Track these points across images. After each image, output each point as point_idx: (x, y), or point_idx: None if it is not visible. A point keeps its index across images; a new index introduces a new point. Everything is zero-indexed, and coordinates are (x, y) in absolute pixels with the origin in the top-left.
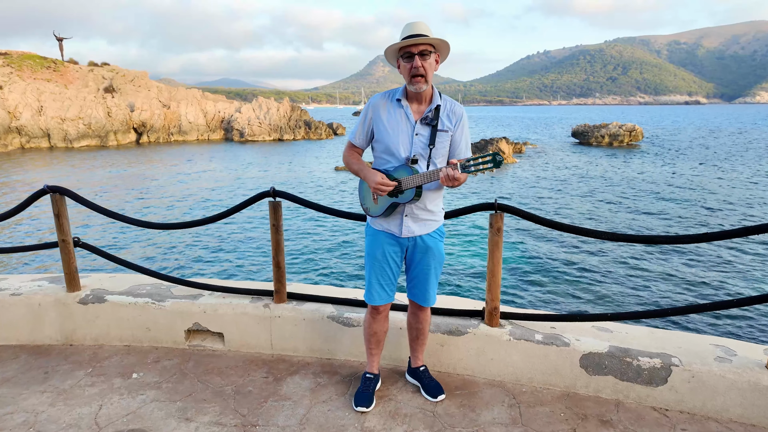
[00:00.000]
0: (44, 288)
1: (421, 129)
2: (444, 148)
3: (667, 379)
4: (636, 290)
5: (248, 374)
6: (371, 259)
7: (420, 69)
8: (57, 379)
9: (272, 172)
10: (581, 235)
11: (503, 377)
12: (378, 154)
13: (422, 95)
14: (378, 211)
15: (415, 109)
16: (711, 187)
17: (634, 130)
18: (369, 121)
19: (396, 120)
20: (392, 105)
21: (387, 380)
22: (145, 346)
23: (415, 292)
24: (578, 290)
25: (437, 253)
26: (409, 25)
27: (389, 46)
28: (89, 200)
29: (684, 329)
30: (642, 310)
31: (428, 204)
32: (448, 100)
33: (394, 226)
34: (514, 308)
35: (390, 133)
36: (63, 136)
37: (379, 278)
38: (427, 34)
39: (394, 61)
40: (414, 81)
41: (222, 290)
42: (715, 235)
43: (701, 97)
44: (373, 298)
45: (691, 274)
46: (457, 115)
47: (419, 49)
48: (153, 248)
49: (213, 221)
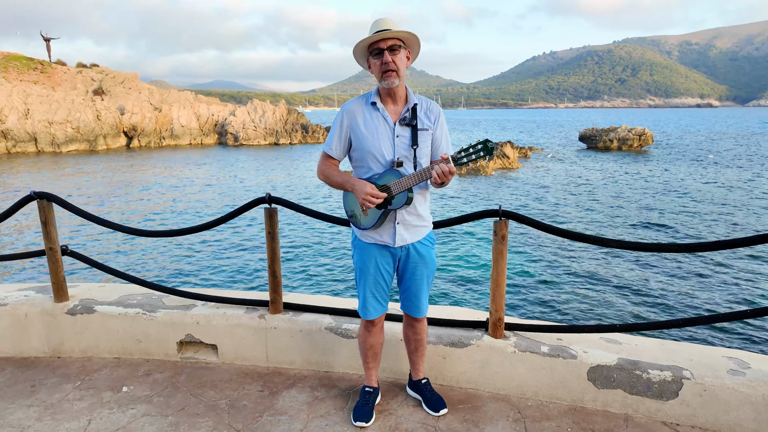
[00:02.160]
0: (31, 298)
1: (400, 130)
2: (427, 148)
3: (678, 393)
4: (646, 300)
5: (243, 388)
6: (363, 274)
7: (391, 64)
8: (44, 393)
9: (268, 178)
10: (588, 243)
11: (508, 391)
12: (358, 162)
13: (397, 95)
14: (369, 222)
15: (391, 111)
16: (724, 193)
17: (643, 134)
18: (346, 129)
19: (374, 124)
20: (368, 109)
21: (387, 394)
22: (136, 359)
23: (408, 304)
24: (586, 300)
25: (430, 261)
26: (376, 22)
27: (356, 44)
28: (78, 207)
29: (696, 341)
30: (652, 321)
31: (419, 208)
32: (423, 99)
33: (387, 236)
34: (519, 319)
35: (370, 139)
36: (50, 140)
37: (374, 292)
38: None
39: (364, 62)
40: (385, 76)
41: (215, 300)
42: (728, 243)
43: (714, 99)
44: (368, 312)
45: (703, 283)
46: (435, 113)
47: (388, 44)
48: (144, 257)
49: (206, 229)
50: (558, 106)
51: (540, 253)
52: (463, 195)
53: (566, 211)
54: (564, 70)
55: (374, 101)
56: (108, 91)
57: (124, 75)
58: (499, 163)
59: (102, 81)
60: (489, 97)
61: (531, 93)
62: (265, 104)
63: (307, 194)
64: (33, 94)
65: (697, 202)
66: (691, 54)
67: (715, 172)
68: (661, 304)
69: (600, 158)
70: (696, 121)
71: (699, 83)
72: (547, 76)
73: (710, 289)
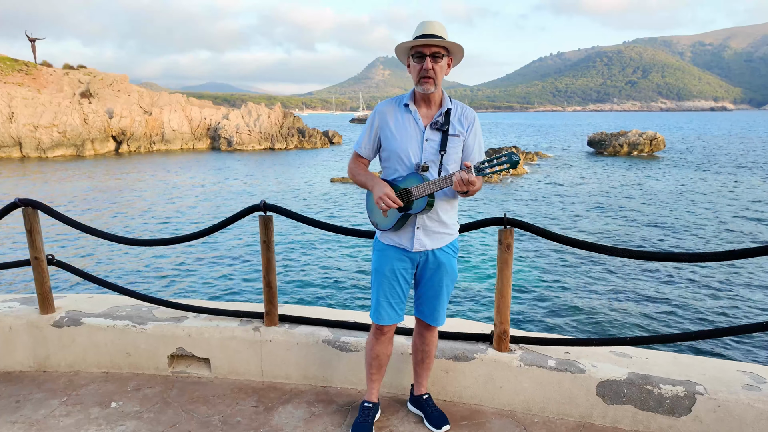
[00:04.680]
0: (15, 310)
1: (431, 134)
2: (456, 154)
3: (691, 409)
4: (657, 312)
5: (236, 403)
6: (379, 276)
7: (430, 71)
8: (29, 409)
9: (263, 184)
10: (597, 252)
11: (513, 406)
12: (386, 163)
13: (431, 99)
14: (388, 224)
15: (424, 114)
16: (741, 200)
17: (655, 139)
18: (376, 128)
19: (404, 125)
20: (400, 110)
21: (387, 410)
22: (125, 373)
23: (423, 310)
24: (594, 312)
25: (450, 269)
26: (423, 24)
27: (400, 43)
28: (64, 214)
29: (709, 354)
30: (664, 334)
31: (442, 215)
32: (458, 104)
33: (405, 239)
34: (525, 332)
35: (398, 140)
36: (36, 145)
37: (388, 296)
38: (441, 36)
39: (405, 60)
40: (422, 82)
41: (208, 312)
42: (744, 253)
43: (728, 102)
44: (380, 317)
45: (718, 294)
46: (469, 119)
47: (431, 51)
48: (133, 266)
49: (199, 237)
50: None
51: (546, 263)
52: (466, 202)
53: (573, 218)
54: (572, 72)
55: (407, 103)
56: (96, 93)
57: (112, 77)
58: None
59: (90, 83)
60: (494, 100)
61: (537, 96)
62: (260, 107)
63: (304, 201)
64: (17, 97)
65: (712, 210)
66: (704, 55)
67: (729, 178)
68: (673, 316)
69: (609, 164)
70: (710, 125)
71: (713, 85)
72: (554, 78)
73: (725, 300)
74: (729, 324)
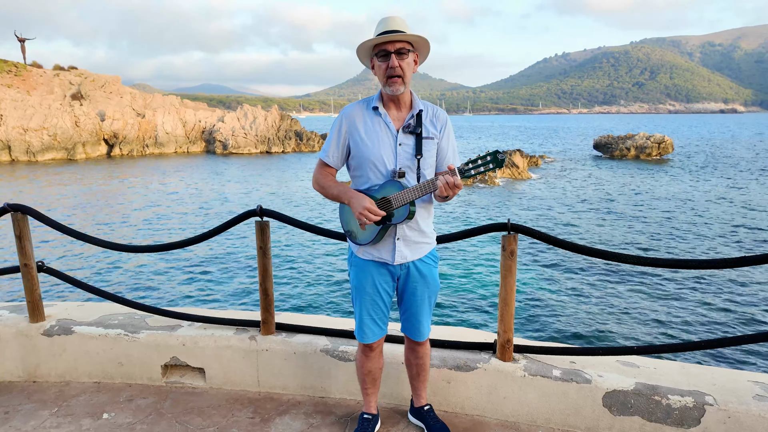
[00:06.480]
0: (4, 318)
1: (404, 138)
2: (432, 158)
3: (701, 420)
4: (665, 321)
5: (232, 414)
6: (360, 293)
7: (397, 69)
8: (19, 420)
9: (259, 189)
10: (604, 258)
11: (517, 418)
12: (356, 171)
13: (401, 101)
14: (367, 237)
15: (394, 117)
16: (752, 205)
17: (663, 142)
18: (344, 134)
19: (375, 130)
20: (369, 114)
21: (387, 421)
22: (117, 383)
23: (408, 326)
24: (601, 321)
25: (432, 280)
26: (384, 20)
27: (361, 43)
28: (54, 220)
29: (719, 364)
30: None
31: (421, 223)
32: (429, 105)
33: (386, 252)
34: (530, 341)
35: (369, 146)
36: (25, 148)
37: (371, 313)
38: (404, 30)
39: (368, 61)
40: (390, 82)
41: (203, 320)
42: (754, 259)
43: (738, 104)
44: (365, 335)
45: (728, 302)
46: (442, 121)
47: (396, 47)
48: (126, 273)
49: (193, 243)
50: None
51: (551, 270)
52: (469, 207)
53: (579, 224)
54: (577, 73)
55: (376, 106)
56: (87, 95)
57: (104, 78)
58: (508, 173)
59: (81, 84)
60: (497, 102)
61: (542, 97)
62: (256, 109)
63: (302, 206)
64: (6, 99)
65: (721, 215)
66: (714, 56)
67: (739, 183)
68: (682, 325)
69: (616, 167)
70: (720, 128)
71: (723, 87)
72: (559, 79)
73: (735, 308)
74: (739, 333)
